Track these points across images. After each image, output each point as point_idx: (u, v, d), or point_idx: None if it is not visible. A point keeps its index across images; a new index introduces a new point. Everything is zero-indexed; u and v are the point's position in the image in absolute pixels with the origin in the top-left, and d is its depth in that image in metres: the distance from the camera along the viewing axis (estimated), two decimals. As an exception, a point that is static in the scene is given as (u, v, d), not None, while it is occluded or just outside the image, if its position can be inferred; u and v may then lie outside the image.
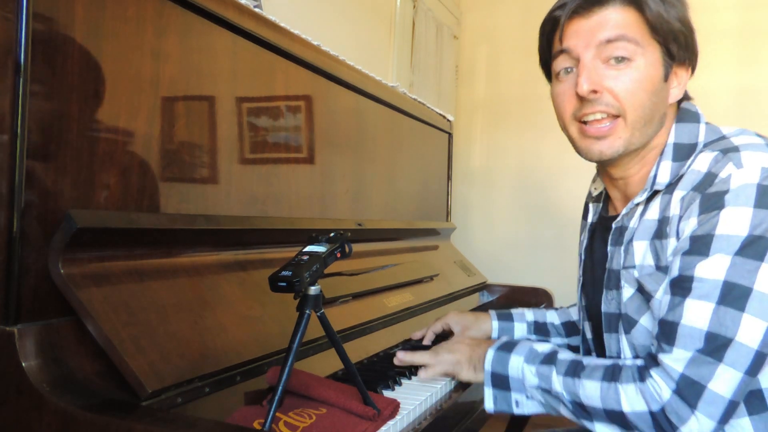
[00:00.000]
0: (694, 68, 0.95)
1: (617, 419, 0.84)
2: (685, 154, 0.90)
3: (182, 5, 0.94)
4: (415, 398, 0.93)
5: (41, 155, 0.74)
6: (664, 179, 0.91)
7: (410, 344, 1.27)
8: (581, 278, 1.12)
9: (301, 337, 0.74)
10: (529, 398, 0.94)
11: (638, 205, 0.95)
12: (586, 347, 1.13)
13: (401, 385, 1.01)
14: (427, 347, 1.19)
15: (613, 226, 0.99)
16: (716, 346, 0.78)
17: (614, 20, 0.89)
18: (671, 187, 0.90)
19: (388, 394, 0.94)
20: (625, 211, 0.97)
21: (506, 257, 3.05)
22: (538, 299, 1.98)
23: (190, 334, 0.82)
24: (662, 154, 0.92)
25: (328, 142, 1.36)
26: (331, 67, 1.35)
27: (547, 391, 0.91)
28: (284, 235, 1.17)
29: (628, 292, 0.94)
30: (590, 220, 1.12)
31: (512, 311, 1.33)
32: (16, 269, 0.71)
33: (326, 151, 1.36)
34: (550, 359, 0.93)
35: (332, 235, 0.84)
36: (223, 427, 0.70)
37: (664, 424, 0.80)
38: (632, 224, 0.94)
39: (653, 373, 0.82)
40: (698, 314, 0.80)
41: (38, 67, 0.73)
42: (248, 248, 1.07)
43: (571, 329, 1.31)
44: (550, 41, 0.98)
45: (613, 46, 0.88)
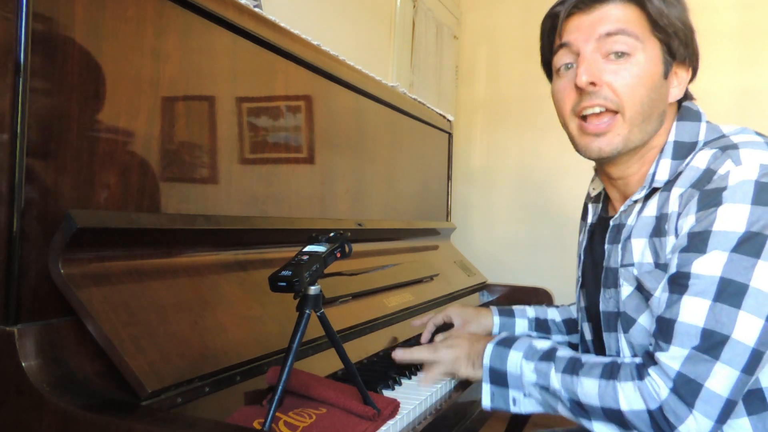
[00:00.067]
0: (695, 70, 0.95)
1: (615, 418, 0.84)
2: (685, 152, 0.90)
3: (182, 5, 0.94)
4: (415, 398, 0.94)
5: (41, 155, 0.74)
6: (663, 177, 0.90)
7: (410, 343, 1.27)
8: (580, 279, 1.12)
9: (301, 337, 0.74)
10: (526, 396, 0.94)
11: (636, 202, 0.95)
12: (584, 348, 1.12)
13: (401, 385, 1.01)
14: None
15: (611, 223, 0.99)
16: (712, 343, 0.78)
17: (615, 15, 0.89)
18: (669, 184, 0.89)
19: (388, 394, 0.94)
20: (623, 208, 0.97)
21: (506, 257, 3.05)
22: (538, 299, 1.98)
23: (190, 334, 0.82)
24: (662, 152, 0.92)
25: (328, 142, 1.36)
26: (331, 67, 1.35)
27: (545, 388, 0.91)
28: (284, 235, 1.17)
29: (626, 290, 0.93)
30: (589, 220, 1.12)
31: (513, 307, 1.33)
32: (16, 269, 0.71)
33: (326, 151, 1.36)
34: (549, 356, 0.93)
35: (332, 235, 0.84)
36: (223, 427, 0.70)
37: (662, 423, 0.79)
38: (630, 222, 0.94)
39: (651, 371, 0.82)
40: (695, 311, 0.80)
41: (38, 67, 0.73)
42: (248, 248, 1.07)
43: (572, 326, 1.30)
44: (551, 38, 0.98)
45: (612, 39, 0.89)
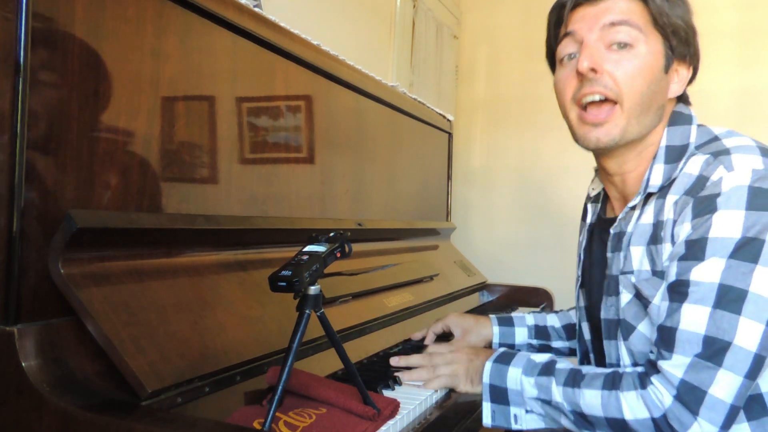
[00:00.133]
0: (695, 70, 0.97)
1: (619, 428, 0.84)
2: (676, 155, 0.91)
3: (182, 5, 0.94)
4: (415, 398, 0.93)
5: (41, 155, 0.74)
6: (656, 182, 0.91)
7: (410, 344, 1.26)
8: (579, 278, 1.12)
9: (301, 337, 0.74)
10: (528, 412, 0.94)
11: (634, 209, 0.95)
12: (583, 348, 1.12)
13: (401, 385, 1.01)
14: (425, 347, 1.19)
15: (611, 231, 0.99)
16: (715, 350, 0.78)
17: (619, 7, 0.91)
18: (664, 190, 0.90)
19: (388, 394, 0.94)
20: (621, 215, 0.97)
21: (506, 257, 3.05)
22: (538, 299, 1.98)
23: (190, 334, 0.82)
24: (655, 157, 0.93)
25: (328, 142, 1.36)
26: (331, 67, 1.35)
27: (547, 402, 0.91)
28: (284, 235, 1.17)
29: (625, 297, 0.94)
30: (589, 221, 1.12)
31: (513, 315, 1.32)
32: (16, 269, 0.71)
33: (326, 151, 1.36)
34: (548, 369, 0.92)
35: (332, 235, 0.84)
36: (223, 427, 0.70)
37: (666, 431, 0.79)
38: (629, 229, 0.95)
39: (654, 379, 0.82)
40: (695, 319, 0.80)
41: (38, 66, 0.73)
42: (248, 248, 1.07)
43: (571, 332, 1.30)
44: (556, 29, 1.00)
45: (616, 29, 0.90)
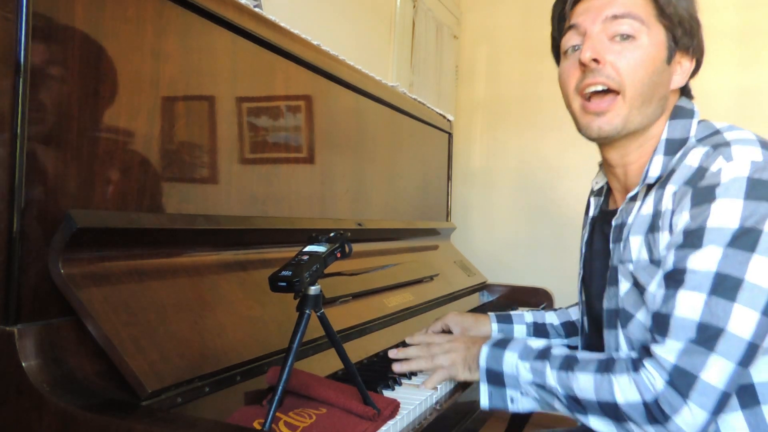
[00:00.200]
0: (699, 62, 0.98)
1: (611, 411, 0.85)
2: (676, 148, 0.93)
3: (182, 5, 0.94)
4: (415, 398, 0.93)
5: (41, 155, 0.74)
6: (655, 173, 0.92)
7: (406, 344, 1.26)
8: (581, 272, 1.13)
9: (301, 337, 0.74)
10: (523, 395, 0.95)
11: (634, 199, 0.96)
12: (584, 342, 1.13)
13: (401, 385, 1.01)
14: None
15: (613, 223, 1.00)
16: (708, 336, 0.79)
17: (622, 0, 0.92)
18: (664, 181, 0.91)
19: (388, 394, 0.94)
20: (622, 206, 0.99)
21: (506, 257, 3.05)
22: (538, 299, 1.98)
23: (190, 334, 0.82)
24: (656, 149, 0.94)
25: (328, 142, 1.36)
26: (331, 67, 1.35)
27: (541, 386, 0.92)
28: (284, 235, 1.17)
29: (624, 286, 0.95)
30: (591, 214, 1.13)
31: (511, 313, 1.33)
32: (16, 269, 0.71)
33: (326, 151, 1.36)
34: (544, 355, 0.94)
35: (332, 235, 0.84)
36: (223, 427, 0.70)
37: (657, 414, 0.80)
38: (630, 220, 0.96)
39: (647, 363, 0.83)
40: (690, 305, 0.81)
41: (38, 66, 0.73)
42: (248, 248, 1.07)
43: (570, 330, 1.31)
44: (560, 21, 1.01)
45: (618, 22, 0.91)
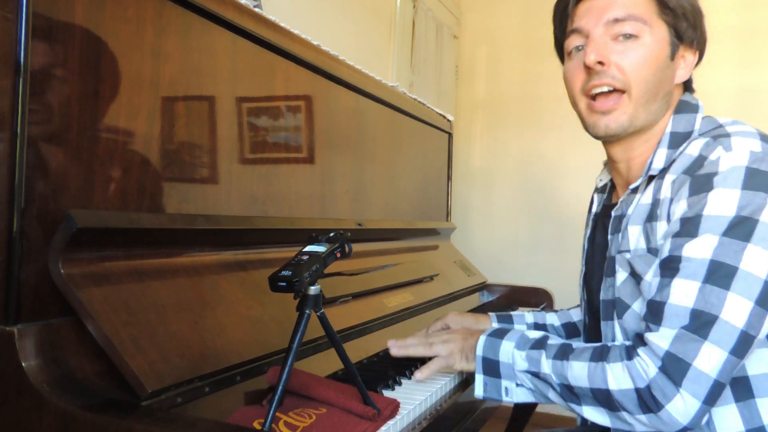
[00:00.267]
0: (701, 53, 0.99)
1: (604, 399, 0.85)
2: (679, 141, 0.93)
3: (182, 5, 0.94)
4: (415, 398, 0.94)
5: (41, 155, 0.74)
6: (659, 165, 0.93)
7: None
8: (584, 268, 1.14)
9: (301, 337, 0.74)
10: (518, 386, 0.95)
11: (635, 191, 0.97)
12: (586, 339, 1.14)
13: (401, 385, 1.01)
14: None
15: (612, 214, 1.01)
16: (701, 323, 0.79)
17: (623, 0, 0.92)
18: (664, 171, 0.92)
19: (388, 394, 0.94)
20: (623, 197, 0.99)
21: (506, 257, 3.05)
22: (538, 299, 1.98)
23: (190, 334, 0.82)
24: (659, 142, 0.95)
25: (328, 142, 1.36)
26: (331, 67, 1.35)
27: (536, 374, 0.92)
28: (284, 235, 1.17)
29: (621, 276, 0.95)
30: (593, 210, 1.14)
31: (512, 313, 1.33)
32: (16, 269, 0.71)
33: (326, 151, 1.36)
34: (540, 344, 0.94)
35: (332, 235, 0.84)
36: (223, 427, 0.70)
37: (649, 402, 0.80)
38: (630, 211, 0.96)
39: (640, 351, 0.83)
40: (685, 292, 0.81)
41: (38, 66, 0.73)
42: (248, 248, 1.07)
43: (571, 331, 1.31)
44: (563, 22, 1.01)
45: (621, 24, 0.92)
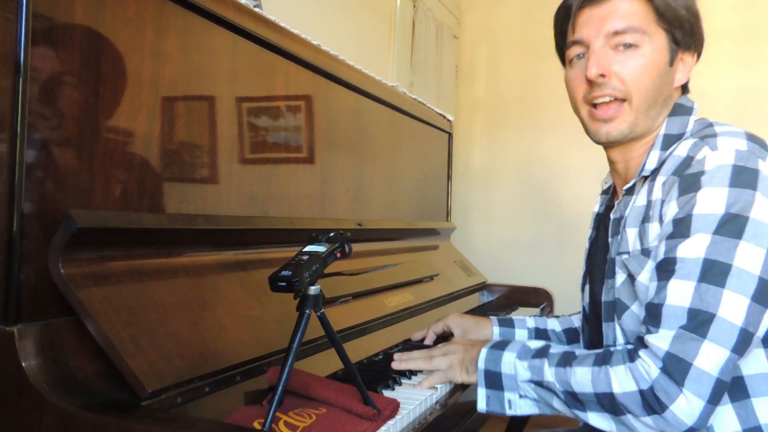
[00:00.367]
0: (699, 54, 1.00)
1: (608, 403, 0.85)
2: (672, 143, 0.95)
3: (182, 5, 0.94)
4: (415, 398, 0.93)
5: (41, 155, 0.74)
6: (651, 166, 0.95)
7: (410, 344, 1.27)
8: (585, 268, 1.14)
9: (301, 337, 0.74)
10: (522, 397, 0.95)
11: (630, 192, 0.99)
12: (587, 339, 1.14)
13: (401, 385, 1.01)
14: (425, 347, 1.19)
15: (611, 217, 1.02)
16: (699, 322, 0.79)
17: (623, 10, 0.93)
18: (655, 172, 0.94)
19: (388, 394, 0.94)
20: (620, 199, 1.01)
21: (506, 257, 3.05)
22: (538, 299, 1.98)
23: (190, 334, 0.82)
24: (653, 144, 0.97)
25: (328, 142, 1.36)
26: (331, 67, 1.35)
27: (539, 383, 0.92)
28: (284, 235, 1.17)
29: (620, 278, 0.96)
30: (596, 210, 1.15)
31: (513, 318, 1.33)
32: (16, 269, 0.71)
33: (326, 151, 1.36)
34: (542, 353, 0.94)
35: (332, 235, 0.84)
36: (223, 427, 0.70)
37: (653, 403, 0.80)
38: (627, 212, 0.98)
39: (642, 353, 0.83)
40: (681, 293, 0.82)
41: (38, 66, 0.73)
42: (248, 248, 1.07)
43: (572, 336, 1.31)
44: (563, 29, 1.03)
45: (621, 36, 0.93)
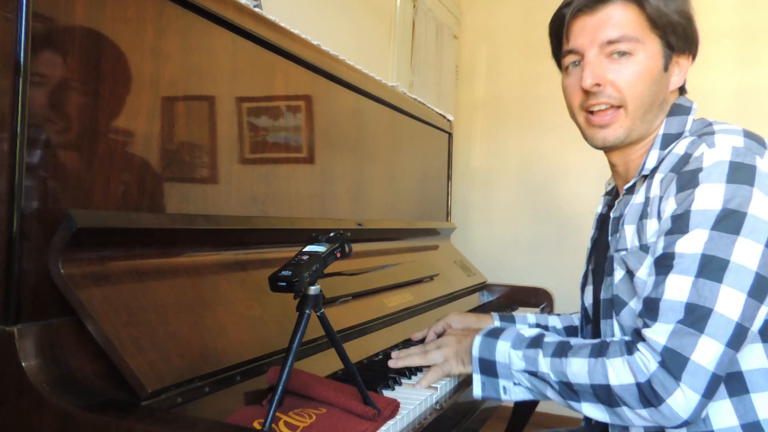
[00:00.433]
0: (695, 56, 1.00)
1: (604, 395, 0.85)
2: (671, 142, 0.96)
3: (182, 5, 0.94)
4: (415, 398, 0.94)
5: (41, 155, 0.74)
6: (651, 165, 0.96)
7: (410, 344, 1.26)
8: (586, 268, 1.15)
9: (301, 337, 0.74)
10: (516, 384, 0.95)
11: (630, 192, 1.00)
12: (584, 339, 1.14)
13: (401, 385, 1.01)
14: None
15: (611, 215, 1.03)
16: (696, 316, 0.80)
17: (616, 18, 0.94)
18: (654, 170, 0.95)
19: (388, 394, 0.94)
20: (620, 199, 1.02)
21: (506, 257, 3.05)
22: (538, 299, 1.98)
23: (190, 334, 0.82)
24: (653, 144, 0.98)
25: (328, 142, 1.36)
26: (331, 67, 1.35)
27: (533, 374, 0.93)
28: (284, 235, 1.17)
29: (618, 274, 0.96)
30: (599, 211, 1.16)
31: (514, 314, 1.34)
32: (16, 269, 0.71)
33: (326, 151, 1.36)
34: (536, 342, 0.94)
35: (332, 235, 0.84)
36: (223, 427, 0.70)
37: (650, 396, 0.81)
38: (626, 211, 0.99)
39: (640, 346, 0.84)
40: (679, 288, 0.82)
41: (38, 67, 0.73)
42: (248, 248, 1.07)
43: (572, 334, 1.31)
44: (558, 37, 1.04)
45: (615, 44, 0.94)
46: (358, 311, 1.23)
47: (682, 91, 1.02)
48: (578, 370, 0.88)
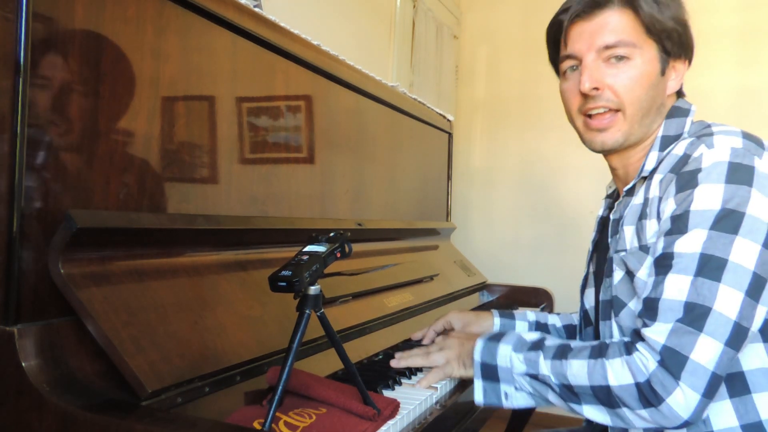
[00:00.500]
0: (690, 60, 1.02)
1: (604, 396, 0.85)
2: (669, 143, 0.97)
3: (182, 5, 0.94)
4: (415, 398, 0.94)
5: (41, 155, 0.74)
6: (650, 167, 0.97)
7: (410, 344, 1.26)
8: (587, 270, 1.15)
9: (301, 337, 0.74)
10: (518, 389, 0.95)
11: (630, 194, 1.01)
12: (584, 340, 1.14)
13: (401, 385, 1.01)
14: (425, 346, 1.19)
15: (611, 217, 1.04)
16: (695, 315, 0.80)
17: (612, 24, 0.96)
18: (653, 172, 0.95)
19: (388, 394, 0.94)
20: (619, 200, 1.03)
21: (506, 257, 3.05)
22: (538, 299, 1.98)
23: (190, 334, 0.82)
24: (652, 146, 0.99)
25: (328, 142, 1.36)
26: (331, 67, 1.35)
27: (534, 377, 0.93)
28: (284, 235, 1.17)
29: (618, 275, 0.97)
30: (600, 214, 1.17)
31: (514, 311, 1.34)
32: (16, 269, 0.71)
33: (326, 151, 1.36)
34: (537, 345, 0.95)
35: (332, 235, 0.84)
36: (223, 427, 0.70)
37: (650, 396, 0.81)
38: (626, 213, 0.99)
39: (639, 346, 0.84)
40: (678, 287, 0.83)
41: (38, 67, 0.73)
42: (248, 248, 1.07)
43: (572, 332, 1.32)
44: (556, 43, 1.05)
45: (612, 49, 0.96)
46: (358, 311, 1.23)
47: (679, 94, 1.03)
48: (578, 371, 0.88)
